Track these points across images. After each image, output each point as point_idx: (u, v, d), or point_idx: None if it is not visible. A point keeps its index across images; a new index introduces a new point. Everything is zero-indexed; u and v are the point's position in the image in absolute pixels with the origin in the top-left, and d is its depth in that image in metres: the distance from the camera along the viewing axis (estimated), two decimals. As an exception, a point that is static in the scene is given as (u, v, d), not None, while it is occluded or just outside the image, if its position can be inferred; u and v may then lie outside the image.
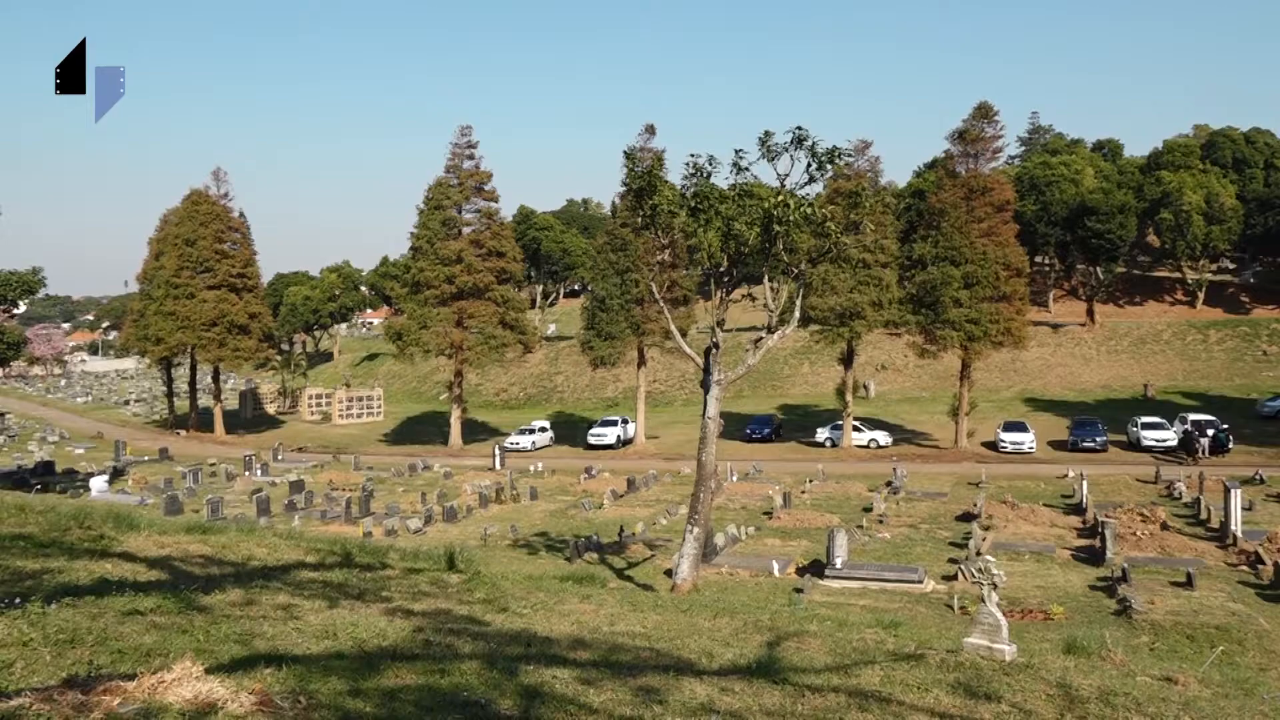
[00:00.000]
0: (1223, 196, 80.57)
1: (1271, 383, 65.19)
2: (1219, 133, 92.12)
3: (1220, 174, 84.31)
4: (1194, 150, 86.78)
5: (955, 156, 52.24)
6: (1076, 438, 50.01)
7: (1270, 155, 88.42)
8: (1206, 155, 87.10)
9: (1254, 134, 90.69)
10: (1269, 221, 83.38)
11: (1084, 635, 9.98)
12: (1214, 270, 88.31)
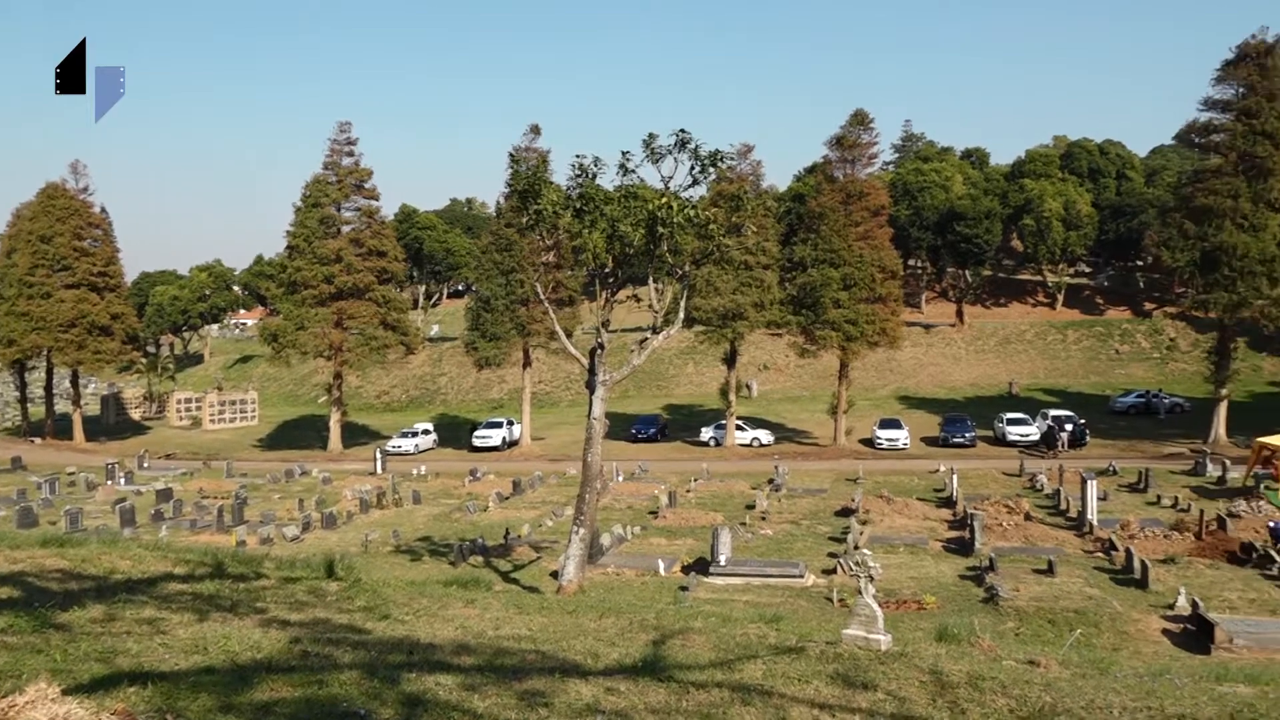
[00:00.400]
0: (1079, 204, 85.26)
1: (1124, 380, 69.34)
2: (1076, 144, 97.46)
3: (1077, 183, 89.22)
4: (1054, 160, 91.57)
5: (833, 162, 53.72)
6: (947, 434, 52.10)
7: (1121, 166, 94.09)
8: (1065, 165, 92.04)
9: (1107, 145, 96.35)
10: (1120, 228, 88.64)
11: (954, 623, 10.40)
12: (1072, 274, 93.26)
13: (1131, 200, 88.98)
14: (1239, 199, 45.11)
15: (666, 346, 74.37)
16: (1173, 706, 5.98)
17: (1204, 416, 51.30)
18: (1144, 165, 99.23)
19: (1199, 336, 71.60)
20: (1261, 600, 20.84)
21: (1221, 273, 45.55)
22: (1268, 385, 65.52)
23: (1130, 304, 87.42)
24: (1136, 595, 21.31)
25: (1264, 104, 45.25)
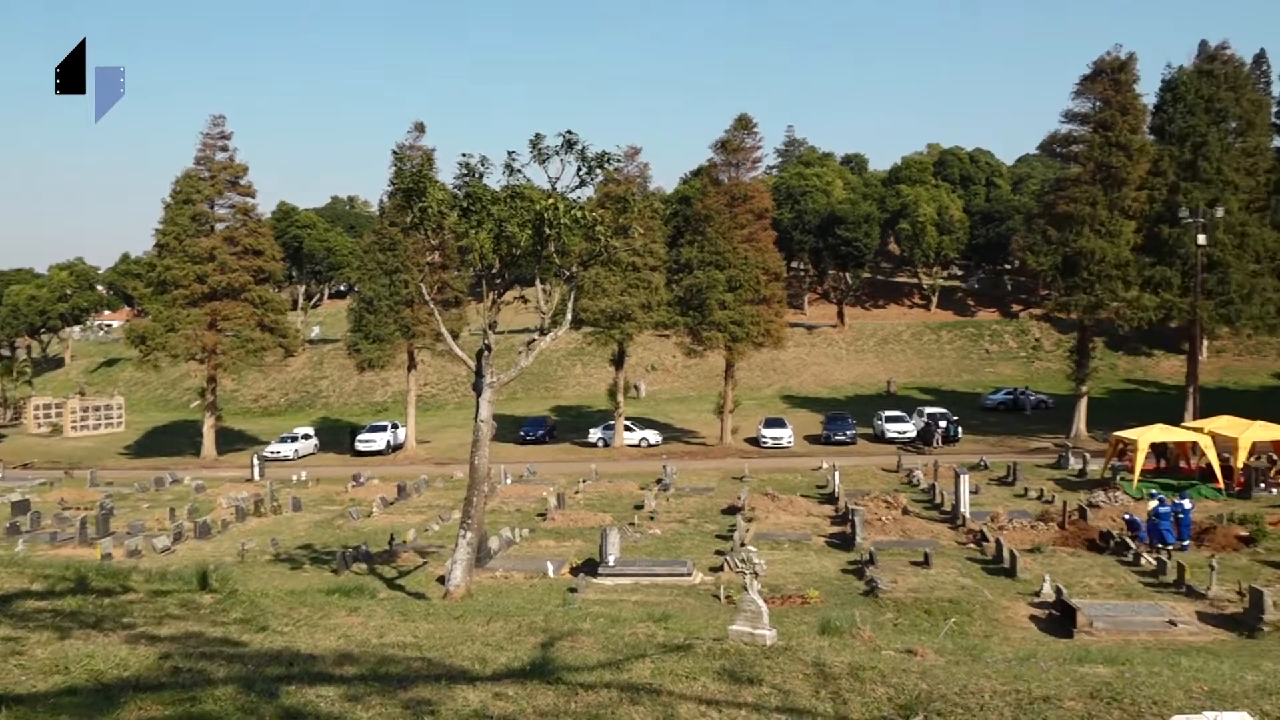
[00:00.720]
0: (952, 209, 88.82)
1: (993, 378, 72.51)
2: (948, 152, 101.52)
3: (950, 189, 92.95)
4: (928, 167, 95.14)
5: (719, 165, 54.50)
6: (829, 432, 53.51)
7: (990, 174, 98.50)
8: (938, 172, 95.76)
9: (977, 154, 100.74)
10: (990, 233, 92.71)
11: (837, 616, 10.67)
12: (945, 277, 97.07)
13: (1000, 207, 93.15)
14: (1096, 206, 47.72)
15: (554, 348, 74.13)
16: (1039, 689, 6.27)
17: (1066, 412, 54.09)
18: (1011, 173, 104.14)
19: (1061, 336, 75.51)
20: (1119, 585, 22.09)
21: (1081, 276, 48.08)
22: (1123, 382, 69.56)
23: (999, 306, 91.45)
24: (1006, 584, 22.30)
25: (1118, 117, 47.99)
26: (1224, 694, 6.13)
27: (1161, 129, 49.85)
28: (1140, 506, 28.71)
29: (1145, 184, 48.33)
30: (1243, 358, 71.66)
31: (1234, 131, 49.66)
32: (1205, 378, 55.67)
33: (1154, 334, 69.78)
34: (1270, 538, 25.41)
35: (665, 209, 74.31)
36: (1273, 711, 5.40)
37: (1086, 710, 5.61)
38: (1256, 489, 32.80)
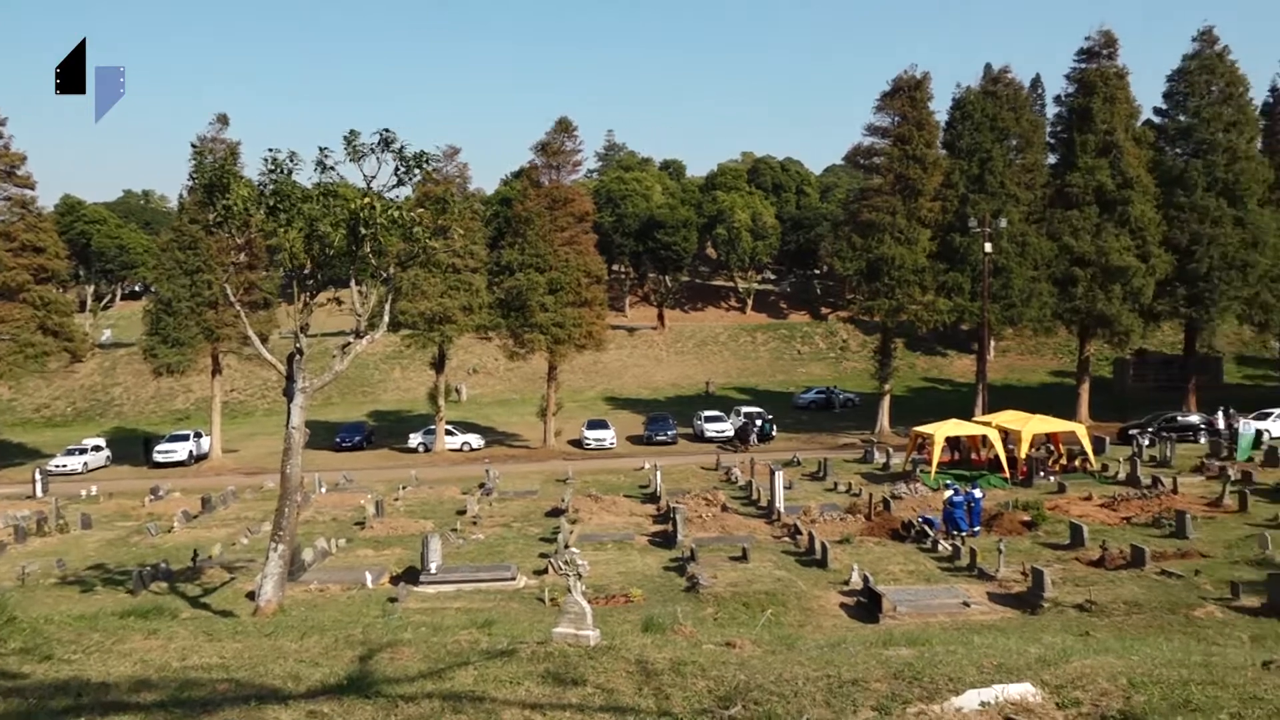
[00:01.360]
0: (765, 216, 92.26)
1: (805, 378, 75.77)
2: (761, 160, 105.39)
3: (763, 196, 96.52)
4: (742, 174, 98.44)
5: (539, 167, 54.42)
6: (650, 432, 54.43)
7: (800, 182, 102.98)
8: (752, 179, 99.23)
9: (788, 163, 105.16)
10: (800, 239, 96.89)
11: (659, 613, 10.87)
12: (760, 280, 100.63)
13: (809, 214, 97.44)
14: (896, 215, 50.69)
15: (371, 351, 72.00)
16: (848, 672, 6.60)
17: (871, 409, 57.18)
18: (819, 182, 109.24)
19: (866, 338, 79.85)
20: (919, 571, 23.52)
21: (883, 281, 50.95)
22: (921, 380, 74.26)
23: (810, 309, 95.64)
24: (818, 574, 23.32)
25: (915, 132, 51.17)
26: (1010, 667, 6.63)
27: (953, 144, 53.49)
28: (937, 497, 30.66)
29: (939, 195, 51.74)
30: (1024, 357, 77.97)
31: (1015, 148, 53.91)
32: (993, 375, 60.20)
33: (948, 335, 74.97)
34: (1049, 522, 27.72)
35: (486, 210, 73.56)
36: (1051, 680, 5.88)
37: (891, 690, 5.94)
38: (1037, 477, 35.67)
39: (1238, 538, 24.53)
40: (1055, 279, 51.18)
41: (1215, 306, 50.31)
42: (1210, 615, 17.93)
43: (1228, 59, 51.96)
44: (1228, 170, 50.11)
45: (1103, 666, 6.41)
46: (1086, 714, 5.24)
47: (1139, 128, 53.64)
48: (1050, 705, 5.42)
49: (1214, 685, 5.64)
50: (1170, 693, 5.41)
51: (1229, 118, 51.23)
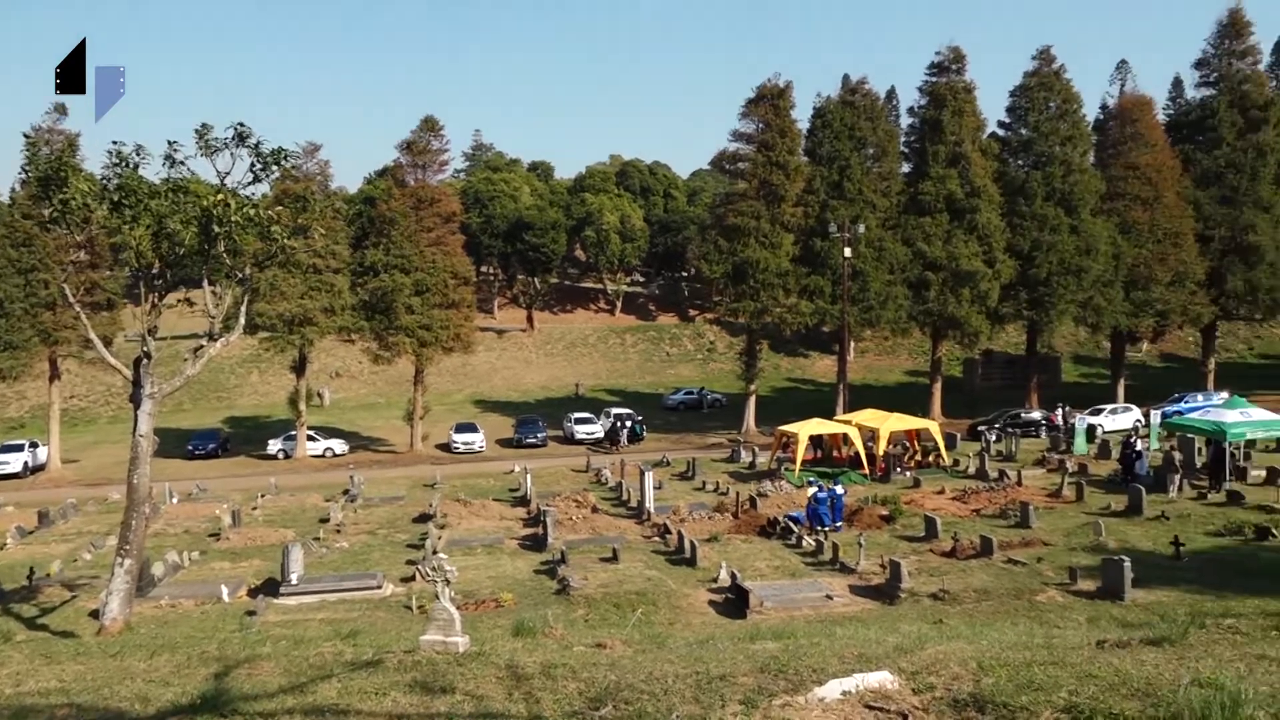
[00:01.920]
0: (634, 219, 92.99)
1: (673, 379, 76.73)
2: (629, 163, 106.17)
3: (631, 199, 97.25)
4: (610, 177, 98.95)
5: (405, 166, 53.37)
6: (520, 435, 54.07)
7: (668, 186, 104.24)
8: (620, 182, 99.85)
9: (656, 167, 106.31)
10: (668, 242, 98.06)
11: (530, 617, 10.81)
12: (628, 283, 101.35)
13: (677, 217, 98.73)
14: (760, 220, 51.92)
15: (226, 354, 69.05)
16: (716, 668, 6.71)
17: (738, 409, 58.36)
18: (686, 186, 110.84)
19: (732, 339, 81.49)
20: (785, 566, 24.13)
21: (748, 284, 52.10)
22: (785, 381, 76.26)
23: (677, 310, 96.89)
24: (688, 573, 23.63)
25: (778, 139, 52.56)
26: (870, 656, 6.89)
27: (814, 151, 55.18)
28: (802, 494, 31.53)
29: (801, 201, 53.28)
30: (882, 357, 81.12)
31: (872, 157, 56.06)
32: (852, 375, 62.37)
33: (810, 337, 77.28)
34: (906, 515, 28.90)
35: (348, 209, 71.59)
36: (908, 667, 6.14)
37: (757, 683, 6.07)
38: (895, 473, 37.14)
39: (1075, 526, 26.15)
40: (910, 283, 53.41)
41: (1054, 309, 53.49)
42: (1051, 600, 19.05)
43: (1064, 77, 55.39)
44: (1064, 181, 53.38)
45: (955, 652, 6.73)
46: (940, 698, 5.49)
47: (985, 140, 56.56)
48: (907, 691, 5.65)
49: (1054, 665, 5.99)
50: (1016, 674, 5.72)
51: (1065, 132, 54.60)
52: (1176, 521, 25.72)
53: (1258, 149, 55.45)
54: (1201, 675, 5.31)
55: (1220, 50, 58.14)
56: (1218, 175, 56.04)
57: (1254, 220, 54.67)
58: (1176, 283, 53.93)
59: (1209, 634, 7.10)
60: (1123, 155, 55.55)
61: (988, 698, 5.25)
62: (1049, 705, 5.02)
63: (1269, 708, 4.66)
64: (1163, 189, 54.29)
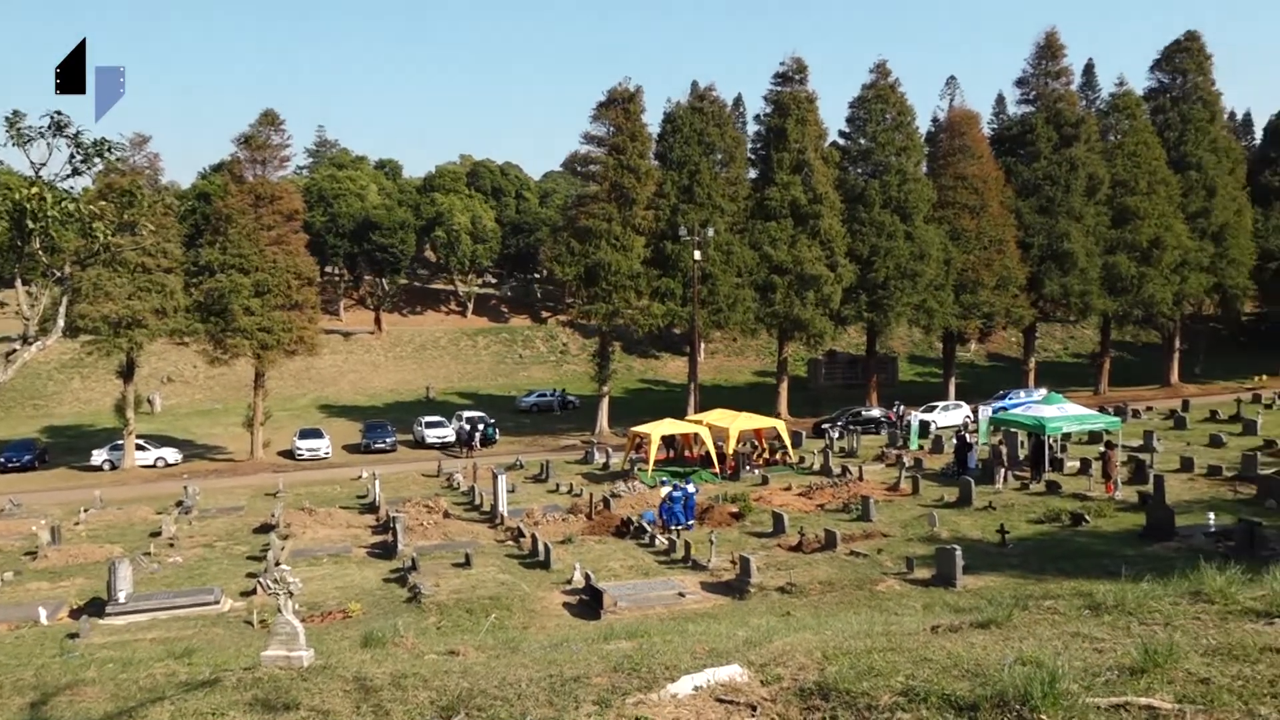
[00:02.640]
0: (485, 219, 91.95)
1: (526, 381, 76.29)
2: (480, 163, 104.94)
3: (483, 199, 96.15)
4: (461, 177, 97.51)
5: (242, 162, 51.06)
6: (368, 440, 52.59)
7: (520, 187, 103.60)
8: (471, 182, 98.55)
9: (508, 167, 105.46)
10: (520, 243, 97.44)
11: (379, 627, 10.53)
12: (480, 284, 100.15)
13: (529, 218, 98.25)
14: (612, 222, 52.28)
15: (44, 359, 64.37)
16: (570, 670, 6.71)
17: (591, 411, 58.57)
18: (539, 187, 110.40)
19: (585, 341, 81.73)
20: (638, 566, 24.40)
21: (600, 286, 52.38)
22: (638, 382, 77.03)
23: (530, 312, 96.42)
24: (542, 575, 23.57)
25: (629, 143, 53.06)
26: (721, 651, 7.04)
27: (664, 156, 55.97)
28: (655, 494, 31.94)
29: (652, 204, 53.96)
30: (731, 358, 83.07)
31: (720, 162, 57.30)
32: (703, 376, 63.64)
33: (662, 338, 78.36)
34: (755, 512, 29.71)
35: (181, 205, 67.82)
36: (757, 660, 6.30)
37: (611, 683, 6.11)
38: (744, 471, 38.11)
39: (912, 517, 27.50)
40: (757, 286, 54.88)
41: (891, 311, 56.05)
42: (890, 588, 19.97)
43: (898, 91, 58.15)
44: (900, 190, 56.02)
45: (801, 643, 6.96)
46: (787, 688, 5.66)
47: (827, 148, 58.70)
48: (756, 683, 5.80)
49: (893, 651, 6.28)
50: (857, 661, 5.96)
51: (900, 143, 57.34)
52: (1002, 511, 27.43)
53: (1070, 163, 59.72)
54: (1024, 654, 5.67)
55: (1038, 70, 62.43)
56: (1036, 186, 60.04)
57: (1068, 229, 58.82)
58: (1001, 287, 57.41)
59: (1031, 615, 7.59)
60: (952, 166, 58.76)
61: (831, 685, 5.45)
62: (888, 689, 5.25)
63: (1082, 680, 5.03)
64: (988, 198, 57.74)
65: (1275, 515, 24.02)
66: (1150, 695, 4.82)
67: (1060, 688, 4.76)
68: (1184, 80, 66.01)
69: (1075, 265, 58.67)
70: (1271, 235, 65.71)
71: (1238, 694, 4.79)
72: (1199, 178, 63.56)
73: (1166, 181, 61.74)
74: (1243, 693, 4.80)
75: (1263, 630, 6.06)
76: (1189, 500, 26.96)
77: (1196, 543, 21.88)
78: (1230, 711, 4.59)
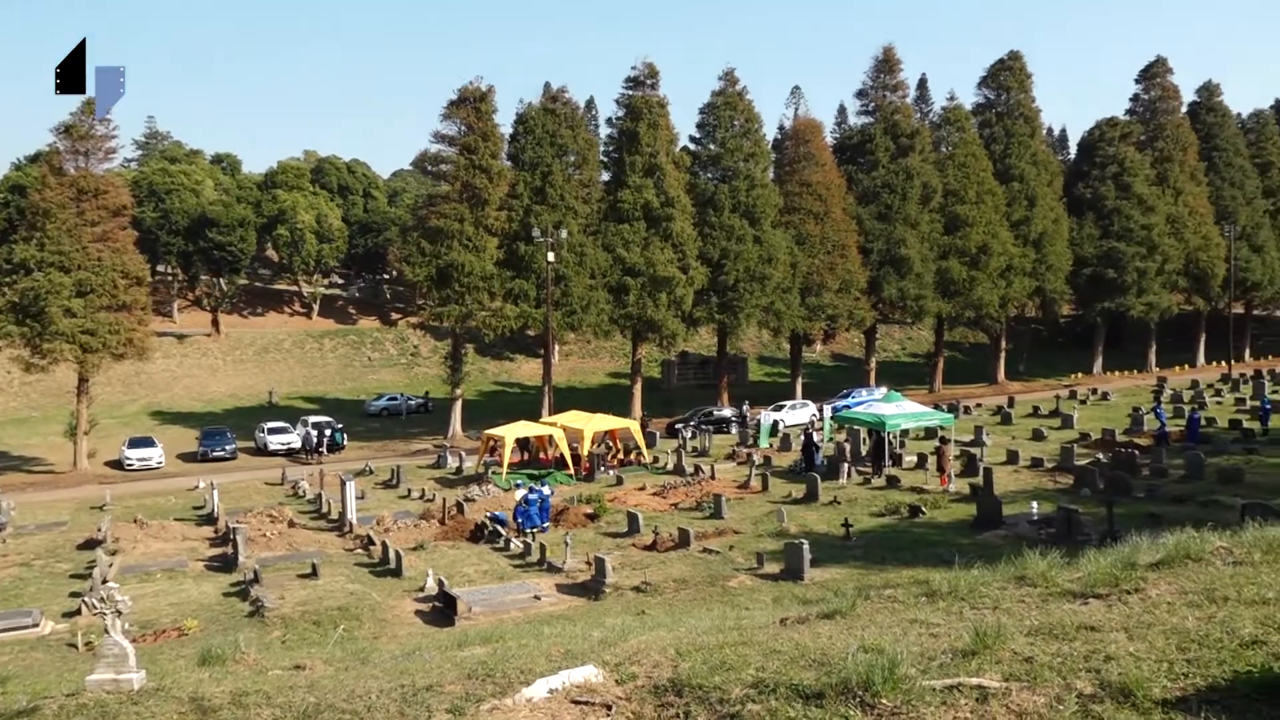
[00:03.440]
0: (331, 218, 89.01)
1: (376, 384, 74.32)
2: (326, 160, 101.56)
3: (329, 197, 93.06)
4: (305, 173, 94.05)
5: (63, 153, 47.68)
6: (206, 448, 50.00)
7: (368, 185, 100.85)
8: (316, 179, 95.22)
9: (355, 165, 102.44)
10: (369, 243, 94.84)
11: (219, 644, 10.04)
12: (326, 285, 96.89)
13: (377, 218, 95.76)
14: (464, 223, 51.56)
15: None
16: (422, 679, 6.57)
17: (444, 414, 57.58)
18: (387, 186, 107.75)
19: (437, 343, 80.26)
20: (493, 570, 24.15)
21: (453, 288, 51.57)
22: (492, 384, 76.26)
23: (379, 314, 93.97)
24: (393, 584, 23.01)
25: (480, 142, 52.44)
26: (576, 653, 7.04)
27: (517, 157, 55.59)
28: (510, 497, 31.68)
29: (505, 205, 53.50)
30: (585, 360, 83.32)
31: (573, 164, 57.38)
32: (557, 378, 63.54)
33: (516, 340, 77.81)
34: (610, 512, 29.89)
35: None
36: (611, 660, 6.34)
37: (465, 690, 6.02)
38: (599, 472, 38.27)
39: (762, 514, 28.28)
40: (610, 287, 55.23)
41: (741, 313, 57.43)
42: (742, 584, 20.47)
43: (746, 98, 59.69)
44: (748, 195, 57.50)
45: (655, 641, 7.04)
46: (642, 686, 5.72)
47: (678, 152, 59.69)
48: (611, 682, 5.83)
49: (744, 645, 6.44)
50: (710, 656, 6.08)
51: (748, 149, 58.87)
52: (846, 505, 28.55)
53: (906, 172, 62.76)
54: (867, 642, 5.92)
55: (876, 83, 65.37)
56: (875, 194, 62.77)
57: (904, 236, 61.76)
58: (844, 290, 59.74)
59: (873, 604, 7.93)
60: (797, 173, 60.78)
61: (685, 681, 5.54)
62: (739, 682, 5.38)
63: (919, 664, 5.29)
64: (831, 205, 60.00)
65: (1090, 503, 25.93)
66: (980, 675, 5.11)
67: (899, 672, 4.99)
68: (1007, 97, 70.46)
69: (911, 270, 61.62)
70: (1085, 243, 70.84)
71: (1057, 670, 5.13)
72: (1021, 188, 67.92)
73: (993, 191, 65.70)
74: (1061, 669, 5.15)
75: (1079, 610, 6.52)
76: (1015, 491, 28.78)
77: (1022, 530, 23.38)
78: (1051, 686, 4.91)
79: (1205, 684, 4.75)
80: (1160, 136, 75.61)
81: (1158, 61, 77.58)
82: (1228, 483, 27.53)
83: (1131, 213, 70.41)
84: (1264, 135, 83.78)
